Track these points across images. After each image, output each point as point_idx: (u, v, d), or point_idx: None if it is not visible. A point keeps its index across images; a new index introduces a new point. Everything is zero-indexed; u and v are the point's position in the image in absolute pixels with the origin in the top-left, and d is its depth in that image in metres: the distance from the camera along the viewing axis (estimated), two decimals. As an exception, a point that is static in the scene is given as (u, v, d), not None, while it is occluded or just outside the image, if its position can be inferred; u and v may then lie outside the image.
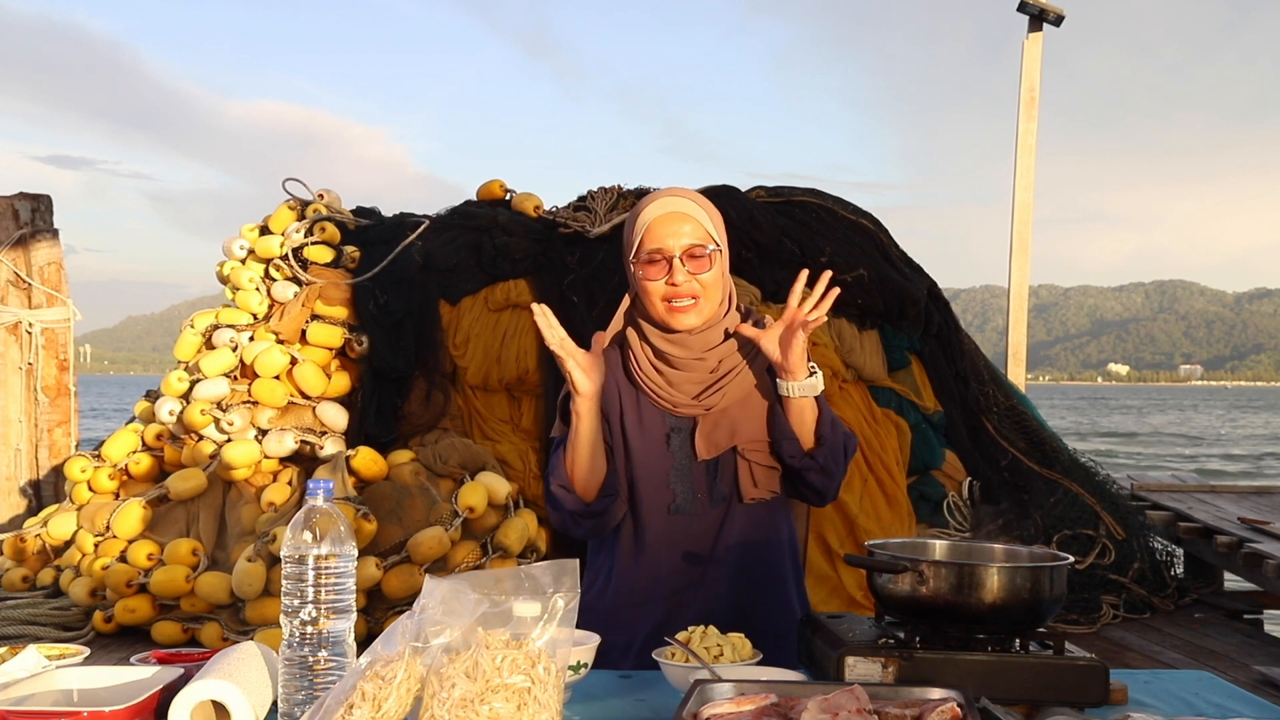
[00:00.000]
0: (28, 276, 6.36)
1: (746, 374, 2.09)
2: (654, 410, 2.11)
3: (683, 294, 2.02)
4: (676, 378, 2.08)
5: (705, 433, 2.08)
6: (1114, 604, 5.57)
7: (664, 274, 2.02)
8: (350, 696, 1.30)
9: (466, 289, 5.86)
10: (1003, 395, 6.61)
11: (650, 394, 2.10)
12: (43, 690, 1.52)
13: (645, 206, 2.07)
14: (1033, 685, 1.58)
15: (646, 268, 2.03)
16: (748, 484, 2.09)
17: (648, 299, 2.05)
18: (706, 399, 2.07)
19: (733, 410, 2.09)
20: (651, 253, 2.03)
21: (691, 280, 2.02)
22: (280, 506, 5.06)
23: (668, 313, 2.04)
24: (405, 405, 5.51)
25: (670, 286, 2.02)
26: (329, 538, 1.44)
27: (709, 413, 2.08)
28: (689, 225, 2.04)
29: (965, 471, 5.92)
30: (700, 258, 2.03)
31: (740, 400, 2.09)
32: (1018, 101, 8.86)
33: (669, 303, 2.03)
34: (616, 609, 2.14)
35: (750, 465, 2.09)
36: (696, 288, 2.03)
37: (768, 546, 2.15)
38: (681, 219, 2.04)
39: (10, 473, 6.36)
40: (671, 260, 2.02)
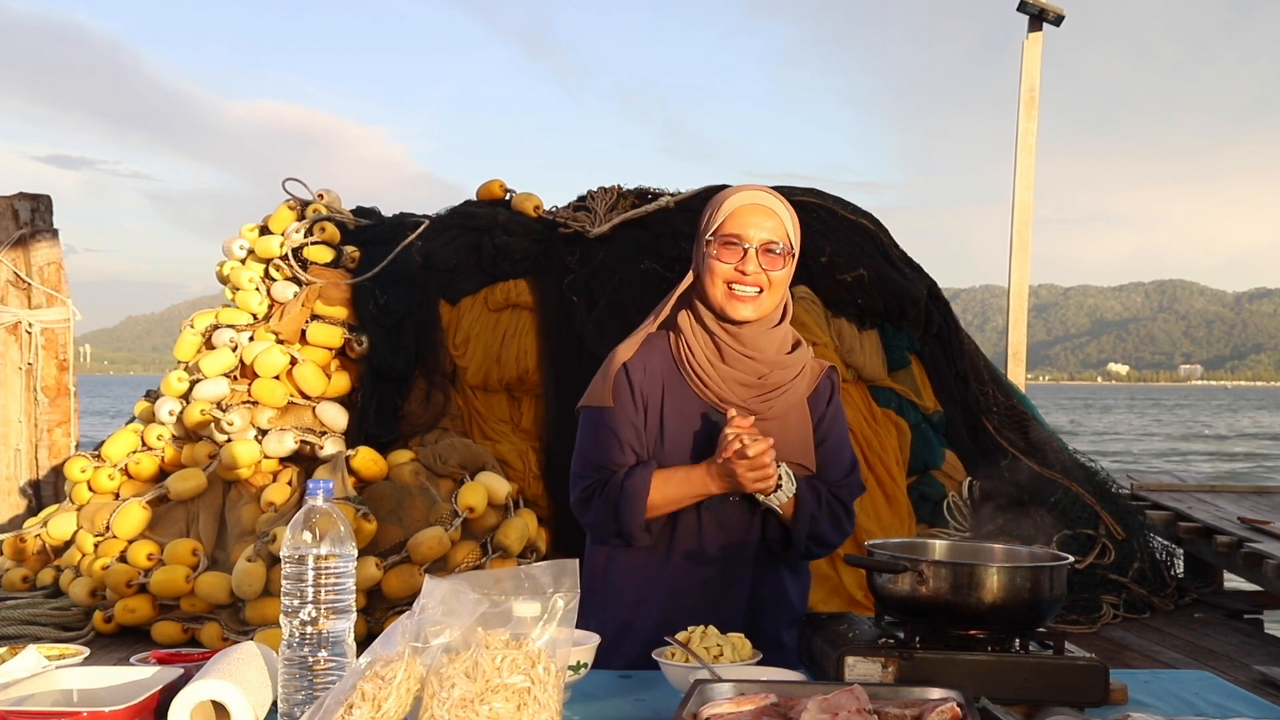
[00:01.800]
0: (27, 276, 6.36)
1: (792, 394, 2.12)
2: (696, 401, 2.10)
3: (749, 283, 2.04)
4: (726, 373, 2.08)
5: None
6: (1114, 604, 5.57)
7: (736, 259, 2.04)
8: (350, 696, 1.30)
9: (466, 289, 5.86)
10: (1003, 395, 6.61)
11: (697, 382, 2.09)
12: (43, 690, 1.52)
13: (732, 194, 2.08)
14: (1033, 685, 1.58)
15: (722, 249, 2.05)
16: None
17: (712, 280, 2.06)
18: (754, 403, 2.08)
19: (772, 425, 2.08)
20: (730, 236, 2.05)
21: (761, 273, 2.04)
22: (280, 506, 5.06)
23: (727, 298, 2.05)
24: (405, 405, 5.51)
25: (739, 273, 2.04)
26: (329, 538, 1.44)
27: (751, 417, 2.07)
28: (772, 221, 2.06)
29: (965, 471, 5.92)
30: (775, 255, 2.05)
31: (780, 417, 2.10)
32: (1018, 101, 8.86)
33: (731, 287, 2.05)
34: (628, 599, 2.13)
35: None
36: (764, 280, 2.05)
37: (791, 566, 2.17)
38: (767, 213, 2.07)
39: (10, 473, 6.36)
40: (747, 249, 2.04)
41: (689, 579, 2.11)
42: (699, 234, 2.11)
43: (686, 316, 2.11)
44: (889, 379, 5.97)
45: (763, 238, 2.04)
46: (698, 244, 2.11)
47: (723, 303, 2.05)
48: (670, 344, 2.13)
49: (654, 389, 2.10)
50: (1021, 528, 5.61)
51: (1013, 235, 8.95)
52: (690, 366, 2.09)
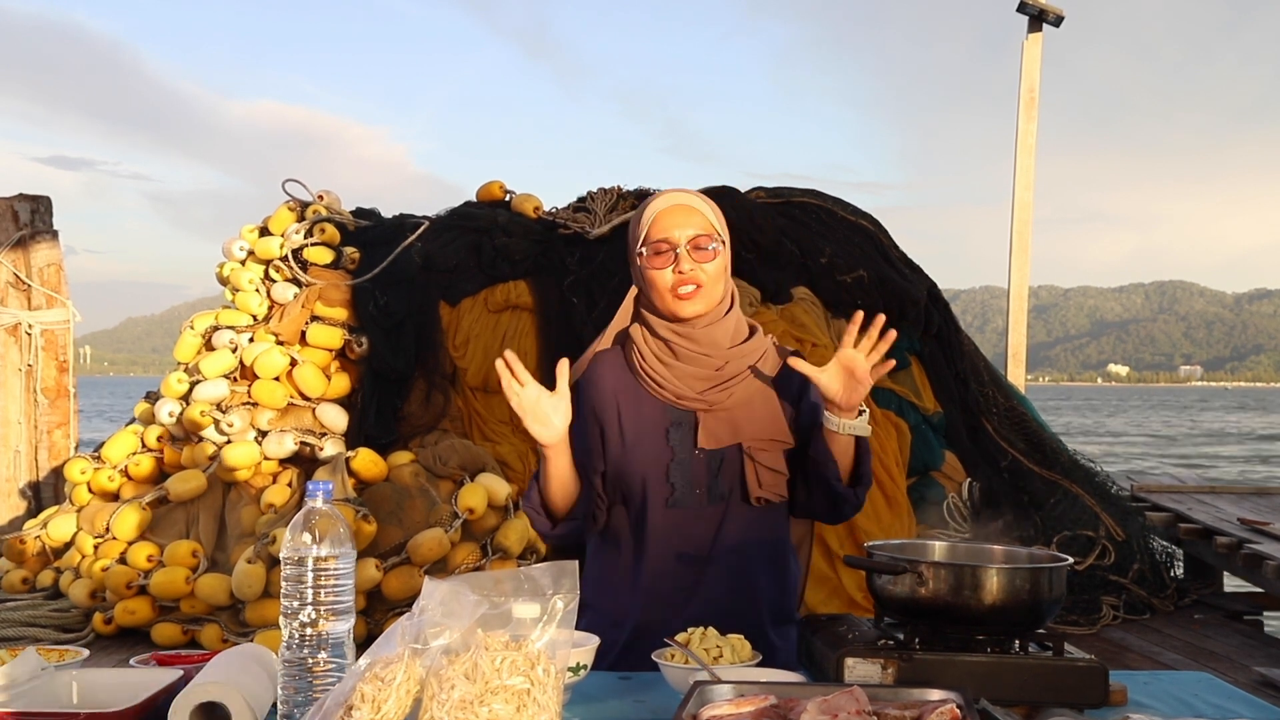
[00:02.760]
0: (27, 278, 6.36)
1: (752, 379, 2.13)
2: (655, 404, 2.13)
3: (688, 281, 2.07)
4: (681, 370, 2.11)
5: (708, 426, 2.11)
6: (1114, 605, 5.57)
7: (670, 263, 2.08)
8: (349, 698, 1.30)
9: (466, 290, 5.86)
10: (1002, 396, 6.61)
11: (653, 385, 2.12)
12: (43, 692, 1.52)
13: (651, 203, 2.13)
14: (1032, 686, 1.58)
15: (653, 258, 2.09)
16: (753, 483, 2.10)
17: (654, 289, 2.10)
18: (711, 395, 2.10)
19: (736, 410, 2.11)
20: (658, 243, 2.09)
21: (697, 269, 2.08)
22: (280, 508, 5.06)
23: (674, 301, 2.09)
24: (405, 406, 5.51)
25: (677, 275, 2.07)
26: (328, 539, 1.44)
27: (712, 409, 2.11)
28: (695, 217, 2.11)
29: (965, 472, 5.92)
30: (704, 249, 2.09)
31: (745, 401, 2.12)
32: (1017, 101, 8.86)
33: (674, 291, 2.09)
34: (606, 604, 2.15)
35: (756, 465, 2.10)
36: (701, 276, 2.08)
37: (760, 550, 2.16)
38: (688, 211, 2.11)
39: (10, 474, 6.36)
40: (677, 250, 2.08)
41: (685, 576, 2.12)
42: (630, 250, 2.15)
43: (638, 328, 2.16)
44: (889, 380, 5.97)
45: (689, 235, 2.08)
46: (632, 260, 2.15)
47: (670, 307, 2.09)
48: (624, 356, 2.19)
49: (607, 403, 2.14)
50: (1021, 529, 5.61)
51: (1013, 236, 8.95)
52: (645, 371, 2.13)
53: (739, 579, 2.13)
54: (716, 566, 2.11)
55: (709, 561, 2.11)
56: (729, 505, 2.11)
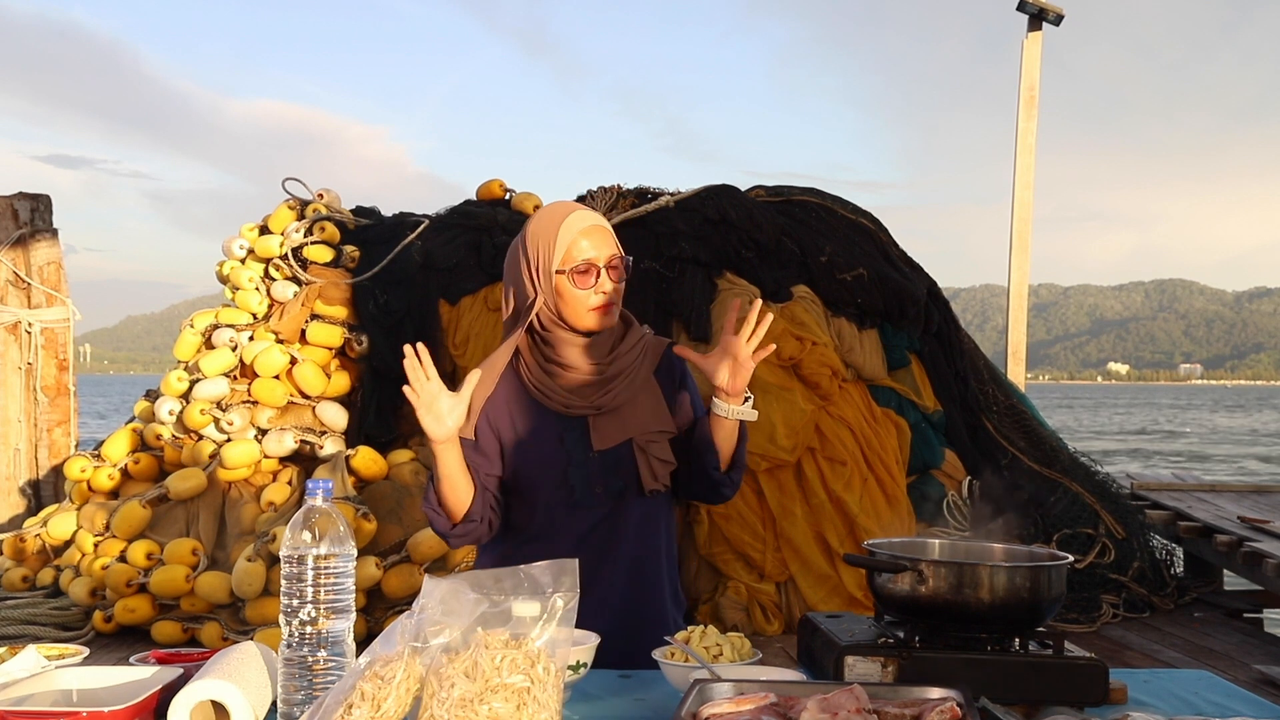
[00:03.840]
0: (27, 276, 6.36)
1: (636, 376, 2.22)
2: (545, 412, 2.21)
3: (610, 303, 2.16)
4: (567, 379, 2.19)
5: (599, 428, 2.19)
6: (1114, 603, 5.57)
7: (592, 284, 2.15)
8: (349, 696, 1.30)
9: (466, 288, 5.86)
10: (1002, 394, 6.61)
11: (542, 396, 2.20)
12: (42, 690, 1.52)
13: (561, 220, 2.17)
14: (1032, 685, 1.58)
15: (578, 277, 2.15)
16: (647, 475, 2.19)
17: (573, 309, 2.16)
18: (598, 399, 2.19)
19: (623, 409, 2.20)
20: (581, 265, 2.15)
21: (614, 288, 2.17)
22: (280, 506, 5.06)
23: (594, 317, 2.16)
24: (405, 405, 5.49)
25: (600, 294, 2.15)
26: (328, 538, 1.44)
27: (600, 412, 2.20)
28: (609, 239, 2.19)
29: (965, 471, 5.92)
30: (617, 268, 2.18)
31: (630, 399, 2.21)
32: (1017, 100, 8.86)
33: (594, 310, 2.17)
34: None
35: (648, 457, 2.19)
36: (615, 295, 2.18)
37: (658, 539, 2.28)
38: (604, 232, 2.19)
39: (10, 472, 6.36)
40: (599, 270, 2.15)
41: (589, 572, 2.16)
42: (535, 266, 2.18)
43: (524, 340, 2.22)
44: (889, 378, 5.97)
45: (607, 255, 2.16)
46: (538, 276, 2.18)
47: (586, 322, 2.17)
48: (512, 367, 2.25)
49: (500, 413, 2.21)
50: (1021, 527, 5.61)
51: (1013, 235, 8.95)
52: (532, 384, 2.20)
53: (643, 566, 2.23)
54: (621, 556, 2.21)
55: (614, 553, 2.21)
56: (626, 498, 2.20)
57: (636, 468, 2.19)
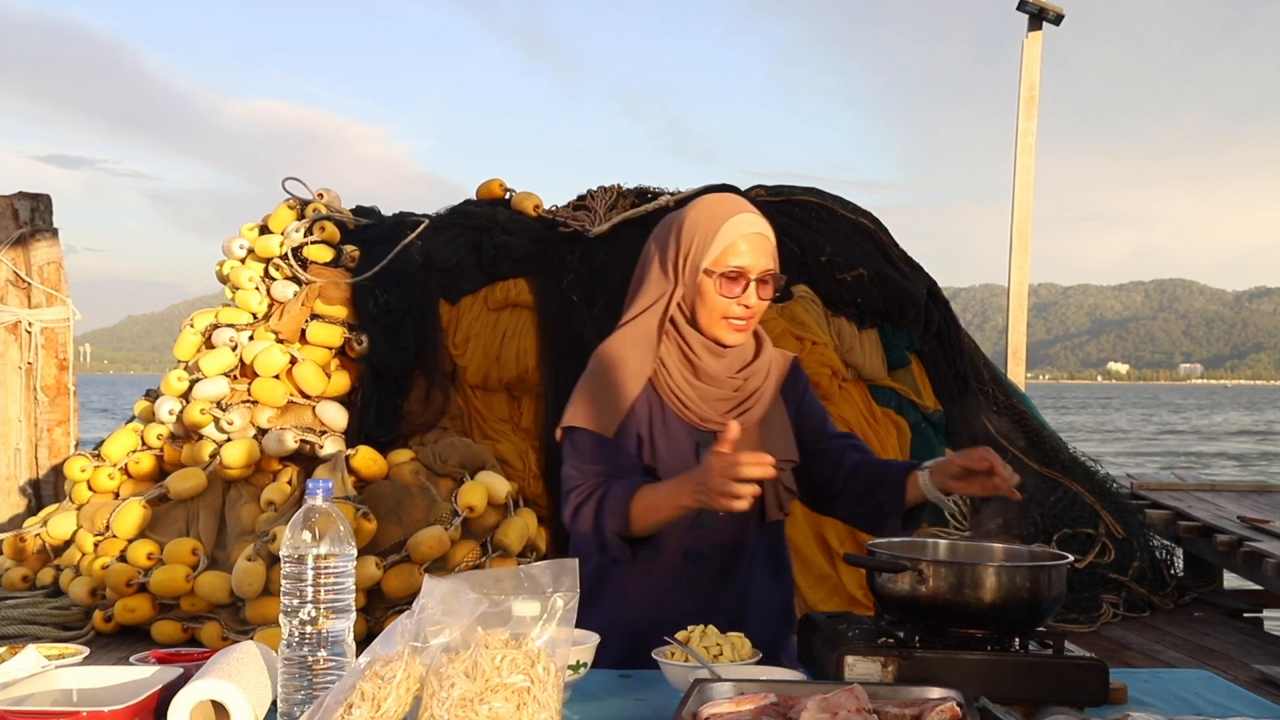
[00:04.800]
0: (27, 276, 6.36)
1: (767, 397, 2.11)
2: (678, 422, 2.08)
3: (748, 316, 2.03)
4: (705, 391, 2.07)
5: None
6: (1114, 603, 5.57)
7: (738, 293, 2.01)
8: (349, 696, 1.30)
9: (466, 288, 5.86)
10: (1002, 394, 6.61)
11: (678, 405, 2.07)
12: (42, 690, 1.52)
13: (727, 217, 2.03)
14: (1032, 684, 1.58)
15: (724, 282, 2.01)
16: (773, 505, 2.09)
17: (708, 311, 2.03)
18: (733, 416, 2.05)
19: (754, 431, 2.08)
20: (733, 271, 2.01)
21: (759, 304, 2.04)
22: (280, 506, 5.05)
23: (724, 329, 2.03)
24: (405, 404, 5.51)
25: (743, 308, 2.02)
26: (328, 537, 1.44)
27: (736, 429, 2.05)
28: (769, 248, 2.05)
29: (965, 470, 5.92)
30: (768, 284, 2.04)
31: (761, 421, 2.10)
32: (1017, 100, 8.86)
33: (729, 319, 2.03)
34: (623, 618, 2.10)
35: (776, 486, 2.09)
36: (758, 310, 2.05)
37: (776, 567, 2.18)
38: (765, 242, 2.04)
39: (10, 472, 6.36)
40: (749, 282, 2.02)
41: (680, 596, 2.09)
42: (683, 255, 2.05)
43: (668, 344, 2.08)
44: (889, 378, 5.97)
45: (761, 268, 2.02)
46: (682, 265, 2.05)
47: (717, 333, 2.04)
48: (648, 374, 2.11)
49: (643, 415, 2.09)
50: (1021, 527, 5.61)
51: (1013, 234, 8.95)
52: (671, 391, 2.07)
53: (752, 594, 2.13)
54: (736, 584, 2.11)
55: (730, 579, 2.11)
56: (746, 525, 2.10)
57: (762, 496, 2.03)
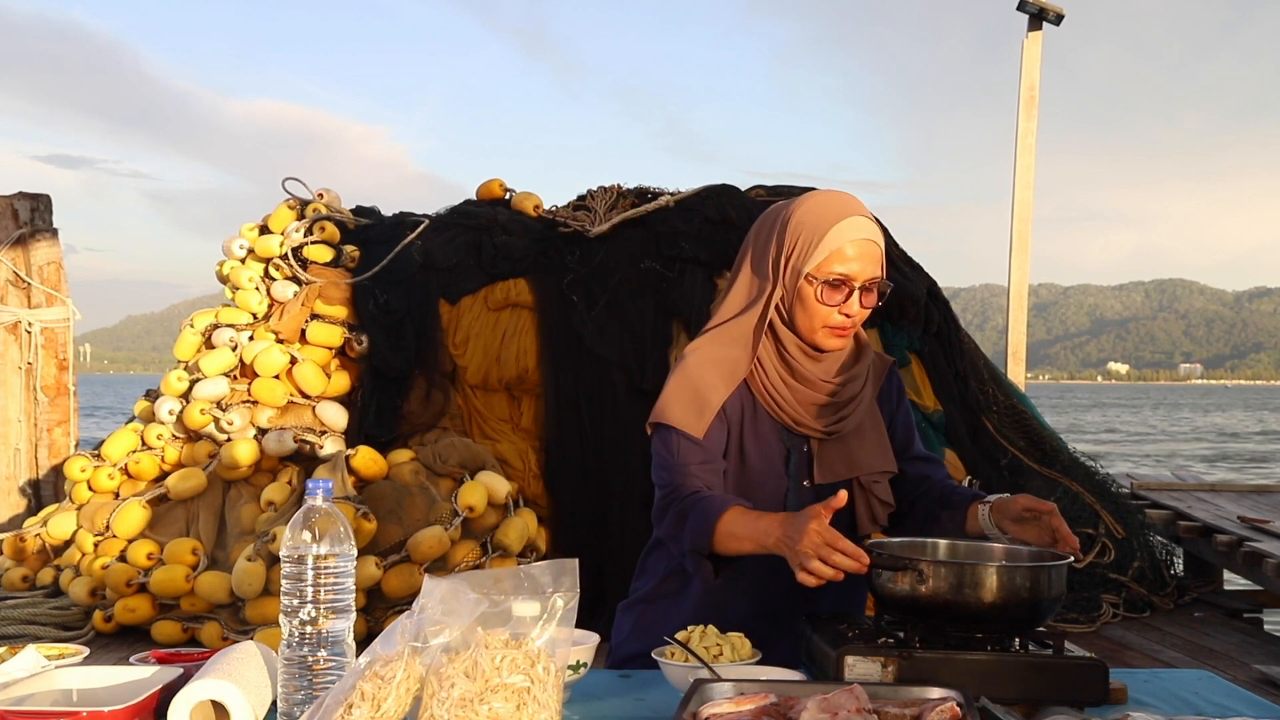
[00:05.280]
0: (27, 276, 6.36)
1: (863, 405, 2.03)
2: (771, 425, 2.00)
3: (849, 325, 1.95)
4: (801, 393, 1.98)
5: (824, 458, 1.99)
6: (1114, 603, 5.57)
7: (840, 300, 1.92)
8: (349, 696, 1.30)
9: (466, 288, 5.86)
10: (1002, 394, 6.61)
11: (773, 405, 1.98)
12: (42, 690, 1.52)
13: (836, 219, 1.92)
14: (1032, 685, 1.58)
15: (826, 290, 1.92)
16: (865, 519, 2.01)
17: (807, 315, 1.94)
18: (829, 424, 1.98)
19: (849, 439, 2.00)
20: (838, 278, 1.92)
21: (862, 313, 1.96)
22: (280, 506, 5.06)
23: (824, 336, 1.95)
24: (405, 405, 5.51)
25: (844, 316, 1.93)
26: (328, 537, 1.44)
27: (828, 438, 2.00)
28: (876, 254, 1.94)
29: (965, 470, 5.92)
30: (873, 292, 1.95)
31: (856, 430, 2.02)
32: (1017, 100, 8.86)
33: (829, 327, 1.94)
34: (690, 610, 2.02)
35: (870, 498, 2.01)
36: (860, 319, 1.97)
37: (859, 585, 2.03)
38: (873, 248, 1.94)
39: (10, 472, 6.36)
40: (854, 290, 1.93)
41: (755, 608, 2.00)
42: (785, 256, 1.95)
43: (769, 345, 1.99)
44: (888, 378, 5.97)
45: (867, 276, 1.92)
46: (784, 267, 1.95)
47: (817, 339, 1.96)
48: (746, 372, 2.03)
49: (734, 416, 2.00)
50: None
51: (1013, 234, 8.95)
52: (766, 391, 1.99)
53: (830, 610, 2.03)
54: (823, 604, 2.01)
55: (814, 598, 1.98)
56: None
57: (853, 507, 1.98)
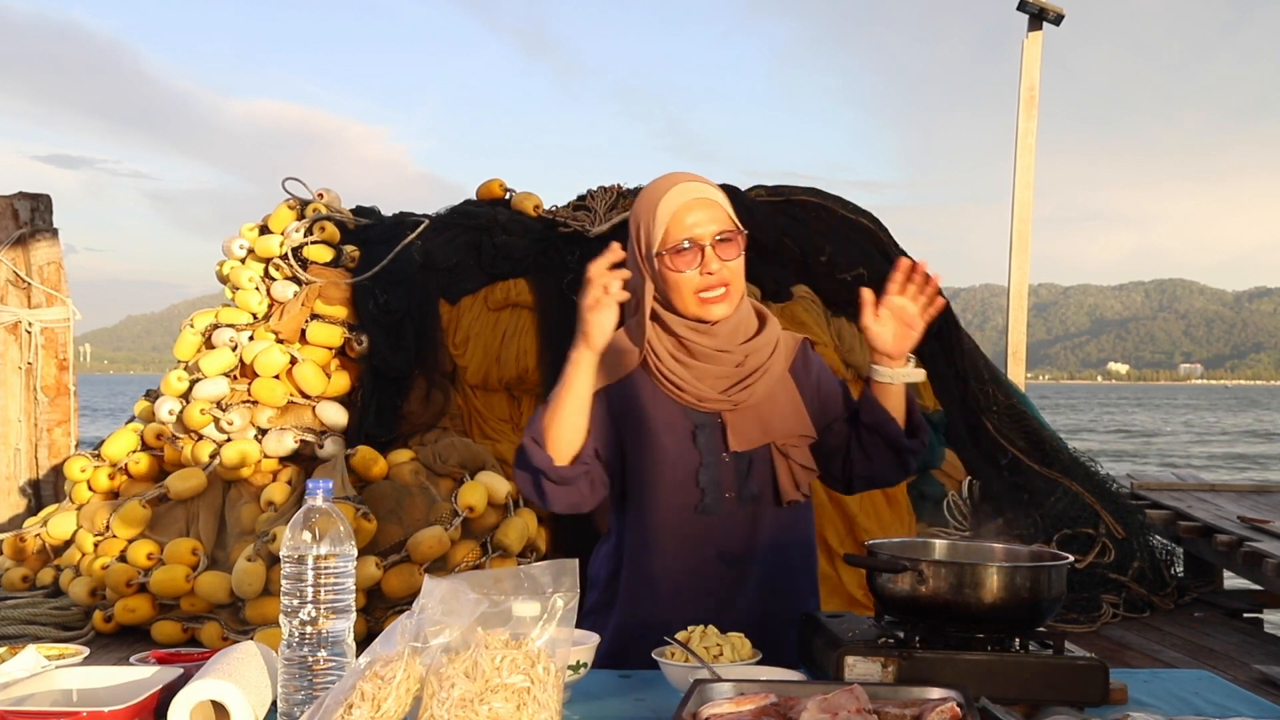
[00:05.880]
0: (27, 276, 6.36)
1: (773, 371, 2.03)
2: (675, 406, 2.01)
3: (716, 283, 1.95)
4: (702, 371, 1.99)
5: (736, 426, 2.00)
6: (1114, 603, 5.57)
7: (695, 263, 1.94)
8: (349, 696, 1.30)
9: (466, 288, 5.86)
10: (1002, 394, 6.61)
11: (672, 389, 2.00)
12: (42, 690, 1.52)
13: (661, 195, 1.97)
14: (1033, 685, 1.58)
15: (676, 258, 1.95)
16: (788, 484, 2.02)
17: (677, 292, 1.97)
18: (735, 394, 1.99)
19: (762, 406, 2.01)
20: (681, 242, 1.94)
21: (724, 268, 1.95)
22: (280, 506, 5.05)
23: (700, 305, 1.96)
24: (405, 405, 5.51)
25: (705, 276, 1.94)
26: (328, 537, 1.44)
27: (737, 408, 2.00)
28: (715, 211, 1.96)
29: (965, 471, 5.92)
30: (730, 243, 1.96)
31: (768, 397, 2.02)
32: (1017, 100, 8.85)
33: (701, 294, 1.96)
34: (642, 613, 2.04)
35: (790, 463, 2.02)
36: (728, 275, 1.96)
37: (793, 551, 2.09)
38: (708, 204, 1.96)
39: (10, 472, 6.36)
40: (704, 248, 1.94)
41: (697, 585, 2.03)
42: (642, 249, 1.99)
43: (653, 327, 2.02)
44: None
45: (713, 231, 1.94)
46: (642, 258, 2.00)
47: (696, 310, 1.97)
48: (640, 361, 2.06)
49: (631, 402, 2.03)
50: (1021, 527, 5.61)
51: (1013, 234, 8.95)
52: (662, 374, 2.01)
53: (775, 583, 2.05)
54: (752, 572, 2.03)
55: (744, 568, 2.03)
56: (759, 508, 2.02)
57: (774, 474, 2.00)
